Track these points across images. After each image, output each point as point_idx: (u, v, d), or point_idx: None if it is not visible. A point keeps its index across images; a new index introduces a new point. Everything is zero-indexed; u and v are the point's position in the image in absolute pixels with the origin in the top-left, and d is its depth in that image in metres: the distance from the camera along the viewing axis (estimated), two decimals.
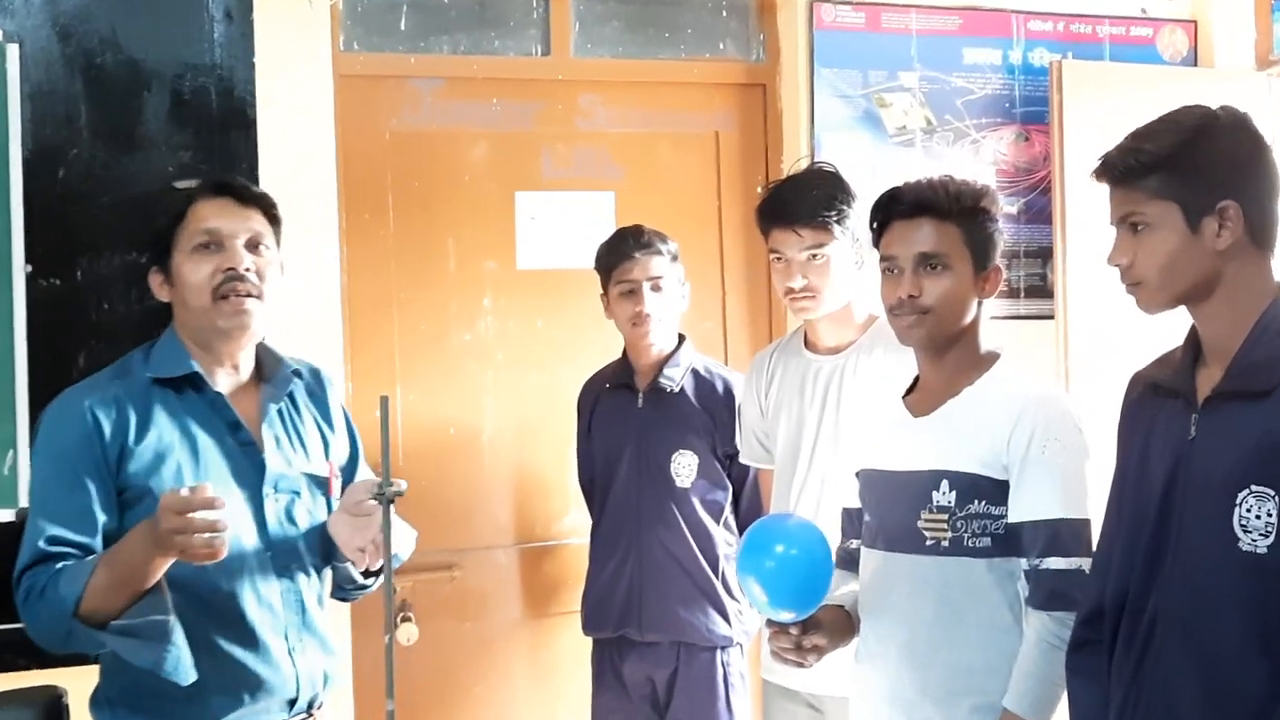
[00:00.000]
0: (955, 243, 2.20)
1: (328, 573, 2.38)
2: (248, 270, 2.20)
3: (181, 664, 2.02)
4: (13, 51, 2.96)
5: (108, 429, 2.13)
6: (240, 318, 2.20)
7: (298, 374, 2.37)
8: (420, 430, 3.44)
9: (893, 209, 2.25)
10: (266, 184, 3.01)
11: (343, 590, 2.40)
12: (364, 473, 2.44)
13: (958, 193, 2.21)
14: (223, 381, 2.26)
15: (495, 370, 3.54)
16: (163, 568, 2.00)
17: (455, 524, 3.44)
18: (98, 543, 2.09)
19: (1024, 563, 2.13)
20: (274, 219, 2.31)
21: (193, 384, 2.22)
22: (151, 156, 3.07)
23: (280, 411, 2.31)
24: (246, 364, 2.30)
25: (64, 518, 2.09)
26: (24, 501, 2.90)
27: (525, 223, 3.56)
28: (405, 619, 3.31)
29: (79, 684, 2.22)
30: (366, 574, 2.34)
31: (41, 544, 2.07)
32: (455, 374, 3.51)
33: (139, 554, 1.99)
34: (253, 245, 2.24)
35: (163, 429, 2.17)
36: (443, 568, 3.39)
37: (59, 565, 2.04)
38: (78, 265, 3.00)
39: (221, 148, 3.12)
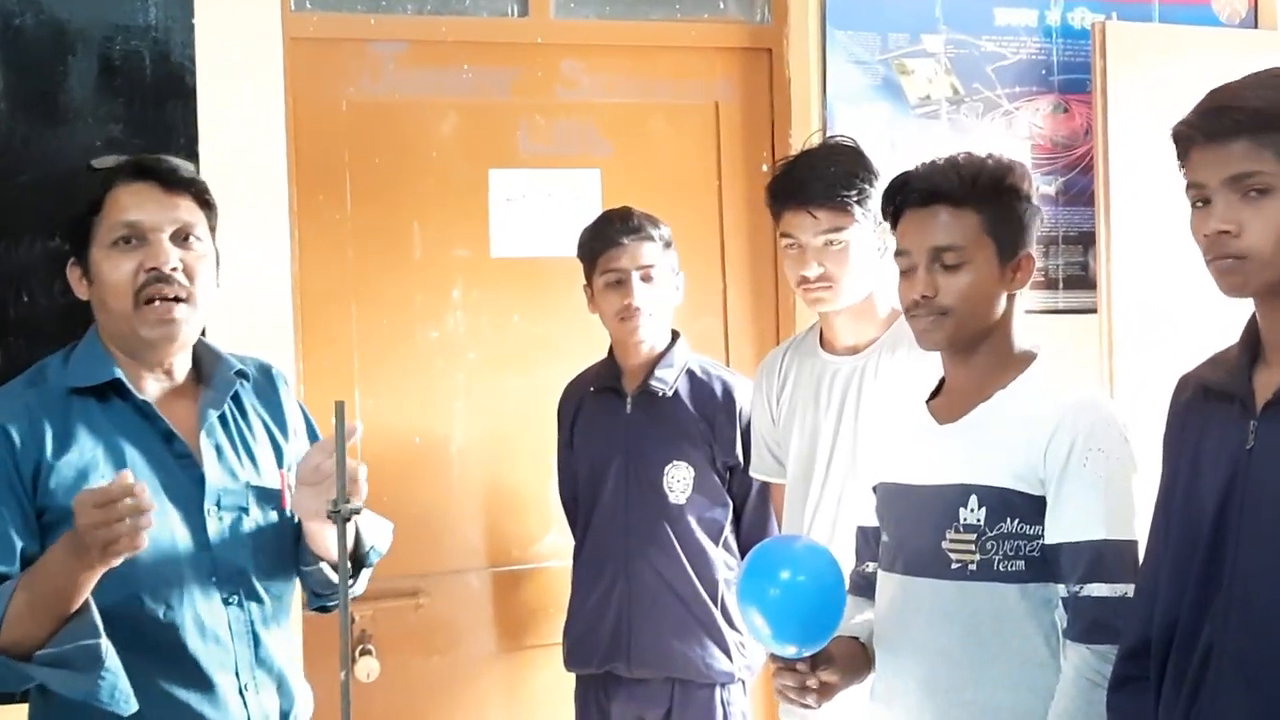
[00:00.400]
0: (974, 232, 2.19)
1: (292, 598, 2.37)
2: (174, 270, 2.17)
3: (119, 691, 2.01)
4: None
5: (19, 444, 2.11)
6: (166, 327, 2.18)
7: (243, 374, 2.35)
8: (381, 439, 3.42)
9: (903, 197, 2.25)
10: (207, 161, 3.01)
11: (320, 598, 2.39)
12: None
13: (974, 174, 2.20)
14: (152, 388, 2.24)
15: (466, 372, 3.54)
16: (89, 583, 1.98)
17: (421, 546, 3.42)
18: (16, 570, 2.07)
19: (1062, 589, 2.12)
20: (207, 205, 2.28)
21: (118, 391, 2.20)
22: (77, 130, 3.05)
23: (223, 418, 2.29)
24: (181, 366, 2.28)
25: None
26: None
27: (500, 205, 3.56)
28: (365, 652, 3.30)
29: None
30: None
31: None
32: (421, 376, 3.51)
33: (61, 569, 1.97)
34: (181, 237, 2.21)
35: (84, 444, 2.15)
36: (407, 595, 3.39)
37: None
38: None
39: (156, 120, 3.11)
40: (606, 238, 3.07)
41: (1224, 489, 1.86)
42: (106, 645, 1.99)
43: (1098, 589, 2.08)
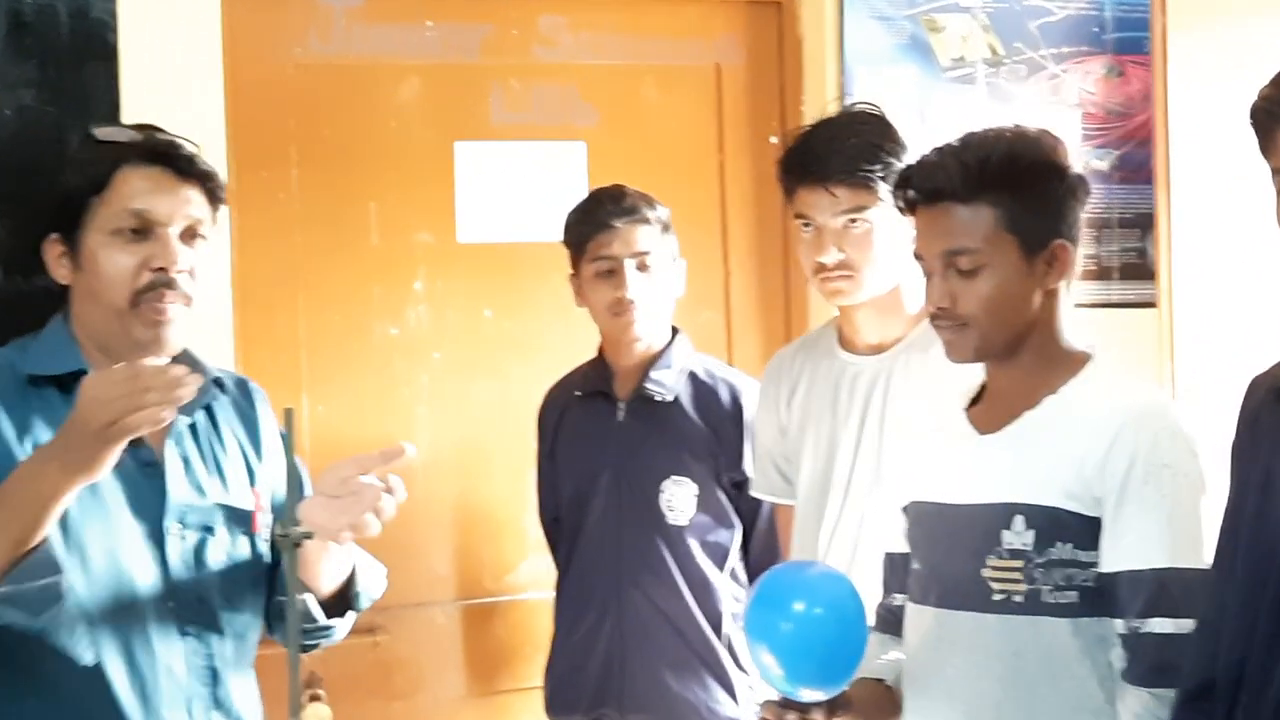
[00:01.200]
0: (989, 228, 2.18)
1: (256, 637, 2.39)
2: (181, 272, 2.22)
3: (81, 636, 2.10)
4: None
5: None
6: (159, 329, 2.23)
7: (219, 384, 2.40)
8: (332, 451, 3.37)
9: (910, 194, 2.26)
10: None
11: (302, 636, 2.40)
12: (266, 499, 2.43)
13: (980, 161, 2.19)
14: None
15: (431, 374, 3.56)
16: (60, 503, 2.01)
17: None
18: None
19: (1120, 624, 2.12)
20: (216, 201, 2.34)
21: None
22: None
23: (194, 428, 2.33)
24: None
25: None
26: None
27: (468, 182, 3.58)
28: (314, 697, 3.28)
29: None
30: (330, 611, 2.33)
31: None
32: (378, 378, 3.52)
33: (33, 484, 2.00)
34: (189, 235, 2.27)
35: (41, 434, 2.19)
36: (362, 631, 3.35)
37: None
38: None
39: (74, 84, 3.09)
40: (596, 221, 3.09)
41: None
42: (68, 584, 2.06)
43: (1161, 624, 2.08)
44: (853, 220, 2.68)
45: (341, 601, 2.35)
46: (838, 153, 2.69)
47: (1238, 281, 3.65)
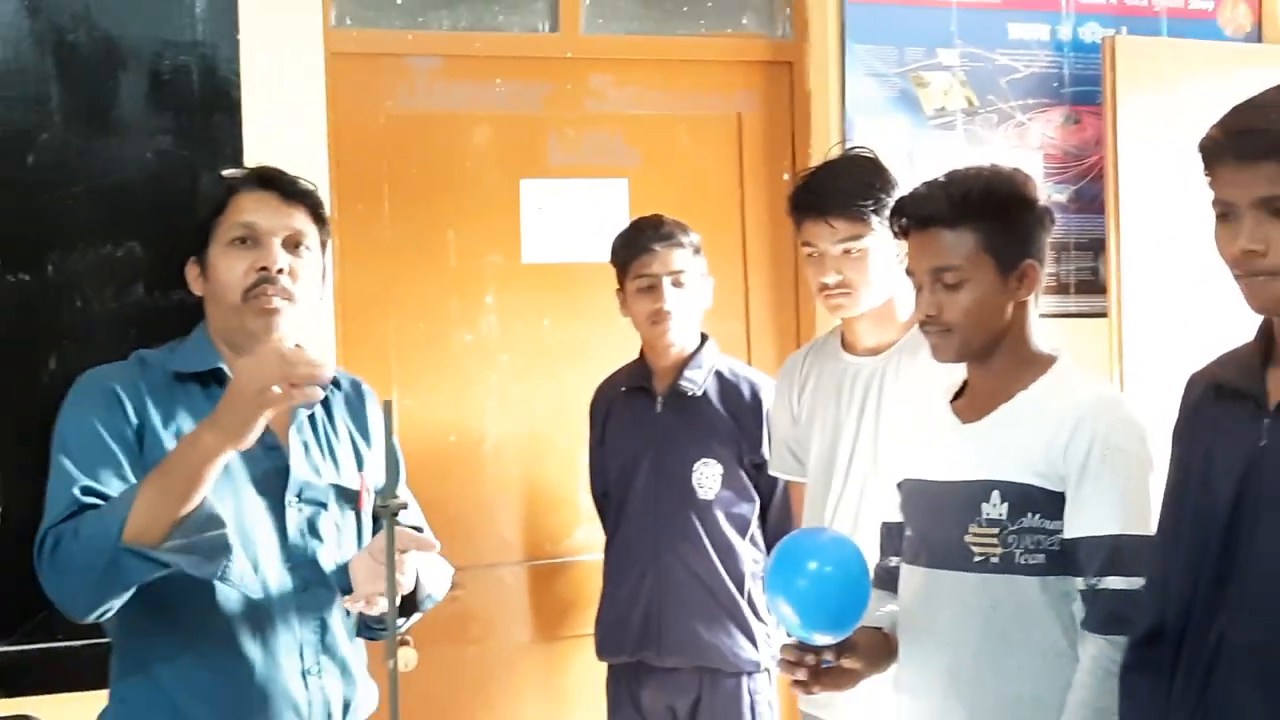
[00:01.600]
0: (971, 250, 2.16)
1: None
2: (281, 271, 2.23)
3: (247, 577, 2.12)
4: None
5: (130, 411, 2.18)
6: (267, 319, 2.23)
7: (336, 383, 2.39)
8: (418, 438, 3.43)
9: (904, 220, 2.24)
10: None
11: (370, 630, 2.39)
12: (405, 497, 2.39)
13: (963, 194, 2.18)
14: None
15: (499, 373, 3.55)
16: (215, 468, 2.03)
17: (456, 540, 3.39)
18: None
19: (1080, 582, 2.11)
20: (320, 219, 2.34)
21: (219, 380, 2.24)
22: (128, 141, 3.06)
23: (312, 419, 2.33)
24: None
25: (95, 473, 2.11)
26: None
27: (531, 213, 3.57)
28: (403, 643, 3.29)
29: (52, 712, 2.23)
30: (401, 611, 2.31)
31: (77, 493, 2.08)
32: (456, 377, 3.52)
33: (193, 452, 2.01)
34: (292, 244, 2.27)
35: (183, 423, 2.20)
36: None
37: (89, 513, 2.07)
38: (48, 260, 2.99)
39: (203, 132, 3.11)
40: (639, 244, 3.09)
41: (1237, 485, 1.85)
42: (230, 535, 2.07)
43: (1114, 582, 2.07)
44: (849, 247, 2.67)
45: (410, 606, 2.33)
46: (835, 191, 2.68)
47: (1176, 295, 3.62)
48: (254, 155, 3.11)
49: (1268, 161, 1.78)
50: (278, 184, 2.31)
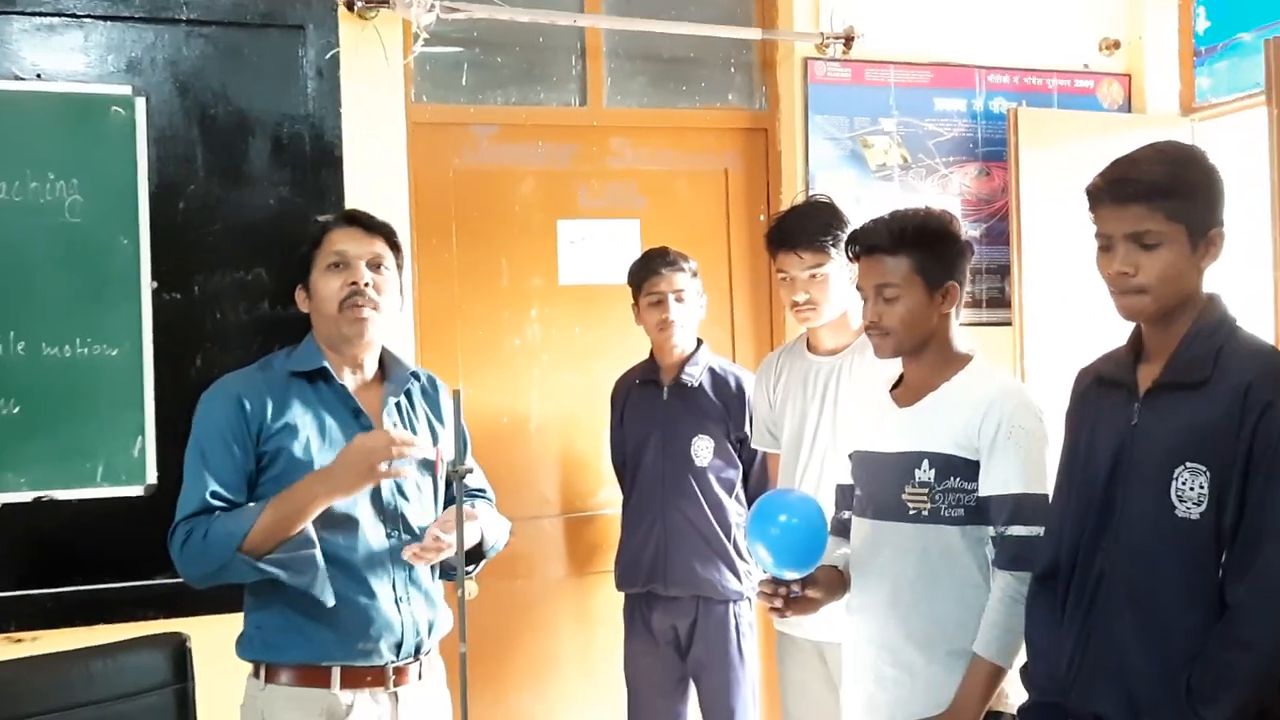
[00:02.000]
0: (906, 272, 2.15)
1: None
2: (367, 285, 2.23)
3: (327, 587, 2.13)
4: (141, 104, 2.98)
5: (250, 410, 2.19)
6: (359, 325, 2.24)
7: (416, 376, 2.40)
8: (479, 419, 3.43)
9: (856, 247, 2.24)
10: None
11: (446, 573, 2.38)
12: (471, 465, 2.37)
13: (902, 228, 2.16)
14: (349, 378, 2.30)
15: (541, 369, 3.55)
16: (319, 509, 2.10)
17: (508, 497, 3.35)
18: (244, 499, 2.15)
19: (991, 530, 2.11)
20: (394, 246, 2.34)
21: (324, 378, 2.26)
22: (255, 191, 3.08)
23: (398, 405, 2.33)
24: (370, 365, 2.33)
25: (222, 478, 2.15)
26: (151, 479, 2.92)
27: (566, 246, 3.57)
28: (467, 576, 3.28)
29: (199, 631, 2.24)
30: (470, 559, 2.32)
31: (207, 496, 2.13)
32: (508, 372, 3.52)
33: (307, 496, 2.09)
34: (374, 265, 2.27)
35: (296, 411, 2.21)
36: None
37: (215, 515, 2.11)
38: (195, 282, 3.01)
39: (313, 184, 3.12)
40: (650, 269, 3.08)
41: (1114, 454, 1.87)
42: (319, 554, 2.12)
43: (1018, 530, 2.07)
44: (813, 273, 2.66)
45: (477, 553, 2.34)
46: (802, 230, 2.68)
47: (1065, 309, 3.61)
48: (352, 201, 3.12)
49: (1136, 204, 1.80)
50: (360, 220, 2.32)
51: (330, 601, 2.12)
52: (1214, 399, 1.75)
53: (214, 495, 2.13)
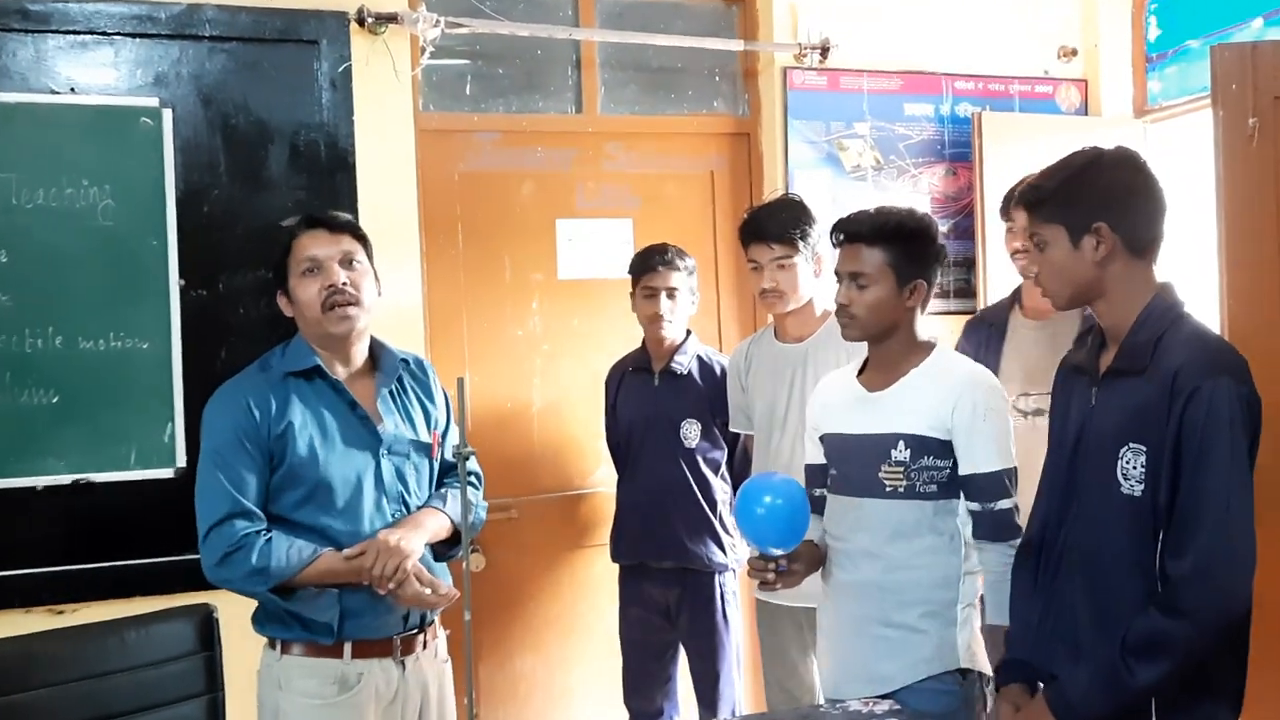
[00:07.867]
0: (879, 263, 2.12)
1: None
2: (344, 284, 2.18)
3: (336, 614, 2.14)
4: (167, 115, 2.96)
5: (258, 414, 2.15)
6: (345, 323, 2.19)
7: (405, 363, 2.35)
8: (484, 404, 3.43)
9: (840, 235, 2.21)
10: (364, 216, 3.00)
11: (440, 558, 2.36)
12: (454, 437, 2.37)
13: (882, 224, 2.14)
14: (341, 372, 2.25)
15: (541, 358, 3.53)
16: (343, 581, 2.13)
17: (512, 476, 3.42)
18: (256, 501, 2.13)
19: (974, 505, 2.09)
20: (361, 239, 2.28)
21: (319, 374, 2.21)
22: (274, 195, 3.06)
23: (391, 392, 2.29)
24: (360, 357, 2.28)
25: (243, 481, 2.12)
26: (181, 462, 2.91)
27: (564, 243, 3.54)
28: (474, 550, 3.30)
29: (225, 603, 2.22)
30: (450, 545, 2.33)
31: (228, 506, 2.10)
32: (511, 361, 3.50)
33: (333, 572, 2.12)
34: (346, 262, 2.21)
35: (297, 410, 2.17)
36: (503, 510, 3.38)
37: (265, 539, 2.10)
38: (220, 280, 3.00)
39: (328, 188, 3.10)
40: (648, 264, 3.04)
41: (1077, 434, 1.88)
42: (335, 594, 2.14)
43: (1003, 503, 2.08)
44: (781, 263, 2.66)
45: (454, 540, 2.31)
46: (772, 223, 2.67)
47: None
48: (365, 204, 3.10)
49: (1031, 210, 1.89)
50: (323, 221, 2.24)
51: (334, 624, 2.14)
52: (1151, 383, 1.75)
53: (236, 502, 2.10)
